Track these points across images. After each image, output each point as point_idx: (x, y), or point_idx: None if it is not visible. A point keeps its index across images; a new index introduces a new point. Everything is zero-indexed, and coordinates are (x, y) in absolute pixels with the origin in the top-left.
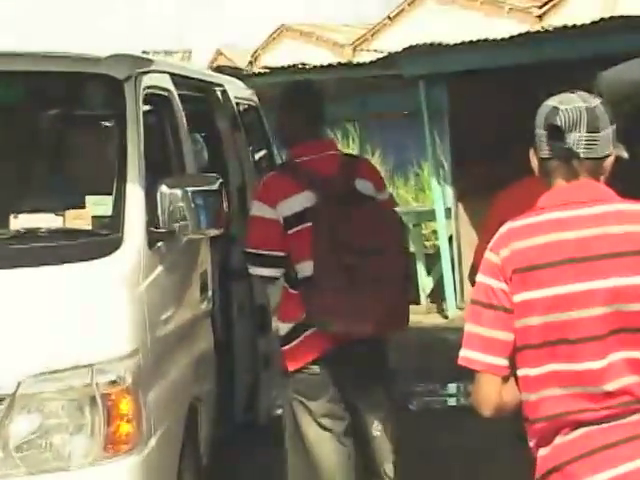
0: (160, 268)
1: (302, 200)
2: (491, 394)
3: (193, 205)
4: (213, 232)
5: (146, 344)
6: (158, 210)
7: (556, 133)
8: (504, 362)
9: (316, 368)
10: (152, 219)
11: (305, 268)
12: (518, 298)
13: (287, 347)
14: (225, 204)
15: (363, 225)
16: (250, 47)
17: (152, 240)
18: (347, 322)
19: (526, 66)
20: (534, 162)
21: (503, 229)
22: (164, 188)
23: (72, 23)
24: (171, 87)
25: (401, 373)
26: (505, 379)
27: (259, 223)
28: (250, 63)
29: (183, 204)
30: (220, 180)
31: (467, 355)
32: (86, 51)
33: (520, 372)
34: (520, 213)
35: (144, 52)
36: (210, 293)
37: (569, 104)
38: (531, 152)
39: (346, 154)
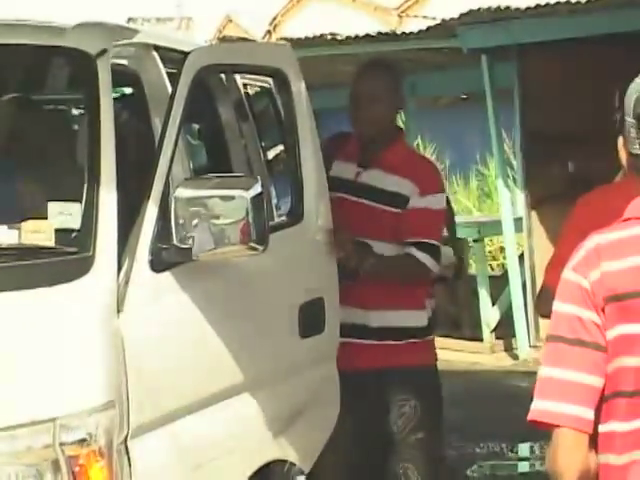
0: (177, 296)
1: None
2: (578, 458)
3: (221, 214)
4: (252, 250)
5: (124, 394)
6: (171, 221)
7: None
8: (592, 415)
9: None
10: (164, 232)
11: None
12: (612, 333)
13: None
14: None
15: None
16: (268, 13)
17: (160, 260)
18: None
19: (620, 35)
20: (623, 156)
21: (589, 244)
22: (181, 192)
23: None
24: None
25: (457, 429)
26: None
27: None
28: (268, 33)
29: (207, 213)
30: (260, 182)
31: (544, 407)
32: (54, 19)
33: (603, 427)
34: (608, 225)
35: (130, 20)
36: (332, 329)
37: None
38: (620, 142)
39: None
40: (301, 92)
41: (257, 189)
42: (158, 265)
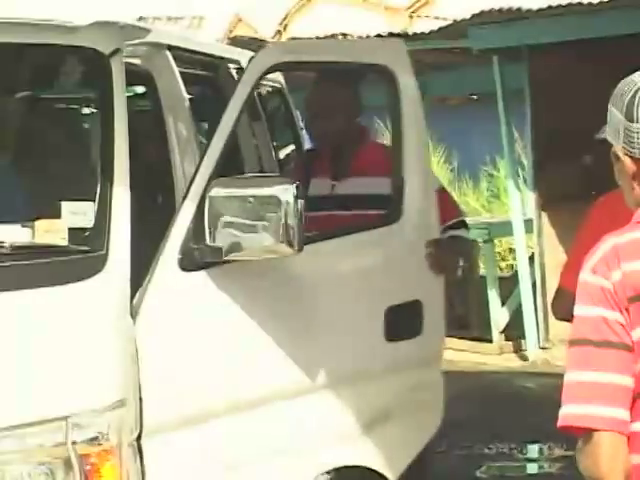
0: (210, 296)
1: None
2: (621, 460)
3: (256, 215)
4: (285, 252)
5: (137, 393)
6: (205, 220)
7: None
8: (628, 417)
9: None
10: (198, 232)
11: None
12: (637, 333)
13: None
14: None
15: None
16: (278, 12)
17: (191, 259)
18: None
19: (631, 36)
20: (628, 164)
21: (606, 245)
22: (216, 191)
23: None
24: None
25: (466, 430)
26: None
27: None
28: (278, 33)
29: (241, 213)
30: (296, 184)
31: (578, 411)
32: (63, 17)
33: (633, 427)
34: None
35: (141, 19)
36: (433, 333)
37: None
38: (620, 152)
39: None
40: (408, 87)
41: (293, 189)
42: (188, 264)
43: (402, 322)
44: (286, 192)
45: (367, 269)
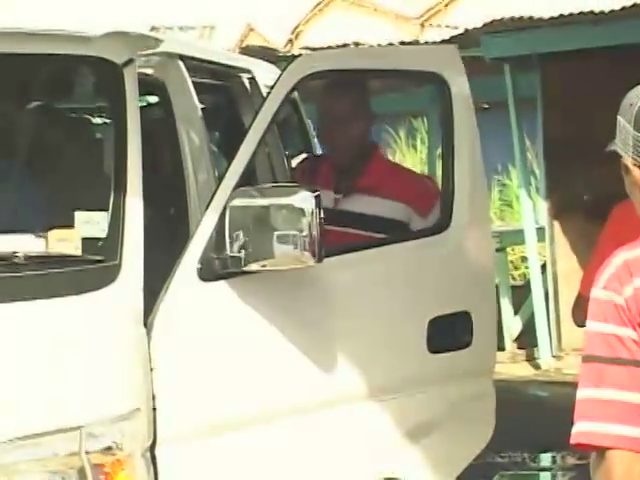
0: (230, 306)
1: None
2: (633, 478)
3: (276, 224)
4: (306, 262)
5: (151, 402)
6: (225, 230)
7: None
8: None
9: None
10: (219, 242)
11: None
12: None
13: None
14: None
15: None
16: (290, 22)
17: (210, 269)
18: None
19: None
20: (638, 175)
21: (617, 260)
22: (237, 201)
23: None
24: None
25: None
26: None
27: None
28: (289, 42)
29: (262, 223)
30: (316, 194)
31: (591, 429)
32: (76, 27)
33: None
34: None
35: (153, 28)
36: (484, 345)
37: None
38: (630, 163)
39: None
40: (461, 95)
41: (313, 199)
42: (208, 274)
43: (448, 334)
44: (307, 202)
45: (406, 280)
